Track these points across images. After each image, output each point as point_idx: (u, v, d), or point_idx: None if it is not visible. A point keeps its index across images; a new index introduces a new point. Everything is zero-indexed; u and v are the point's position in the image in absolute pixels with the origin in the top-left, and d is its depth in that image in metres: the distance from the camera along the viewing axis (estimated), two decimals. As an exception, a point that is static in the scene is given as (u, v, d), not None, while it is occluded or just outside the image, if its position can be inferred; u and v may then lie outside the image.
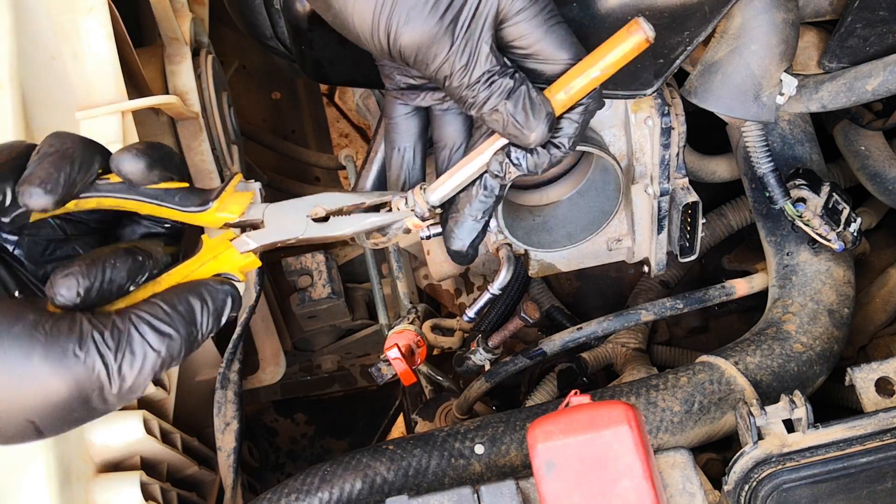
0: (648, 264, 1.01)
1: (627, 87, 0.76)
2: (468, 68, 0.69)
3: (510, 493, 0.69)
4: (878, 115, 1.08)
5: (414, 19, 0.68)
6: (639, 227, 0.96)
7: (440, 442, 0.90)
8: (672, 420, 0.92)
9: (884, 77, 0.79)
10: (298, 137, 1.78)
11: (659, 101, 0.87)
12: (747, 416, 0.75)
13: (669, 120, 0.88)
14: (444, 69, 0.69)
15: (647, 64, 0.75)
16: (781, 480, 0.72)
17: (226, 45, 1.64)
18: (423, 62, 0.69)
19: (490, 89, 0.69)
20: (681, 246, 0.98)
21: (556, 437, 0.68)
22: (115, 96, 0.96)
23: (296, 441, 1.63)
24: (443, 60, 0.69)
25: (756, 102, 0.81)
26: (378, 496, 0.86)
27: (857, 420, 0.74)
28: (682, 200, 0.94)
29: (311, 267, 1.40)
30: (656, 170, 0.91)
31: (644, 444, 0.68)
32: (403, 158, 0.81)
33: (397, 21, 0.68)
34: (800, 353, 0.99)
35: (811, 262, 1.05)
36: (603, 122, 0.89)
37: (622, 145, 0.91)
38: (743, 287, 1.09)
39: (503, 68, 0.69)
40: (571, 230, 0.95)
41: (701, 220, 0.96)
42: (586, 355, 1.19)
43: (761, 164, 0.97)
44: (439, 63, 0.69)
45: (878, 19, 0.80)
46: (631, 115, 0.88)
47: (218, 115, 1.18)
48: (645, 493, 0.66)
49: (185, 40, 1.16)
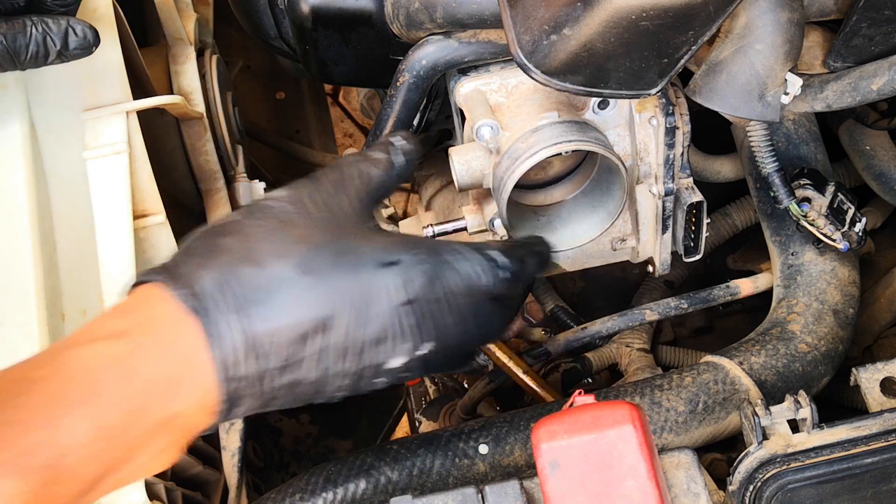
0: (653, 264, 1.01)
1: (631, 88, 0.76)
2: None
3: (514, 493, 0.68)
4: (883, 115, 1.07)
5: None
6: (643, 227, 0.96)
7: (444, 442, 0.90)
8: (676, 420, 0.92)
9: (889, 76, 0.78)
10: (303, 137, 1.78)
11: (663, 101, 0.87)
12: (752, 416, 0.75)
13: (674, 119, 0.87)
14: None
15: (651, 64, 0.75)
16: (786, 481, 0.72)
17: (230, 45, 1.64)
18: None
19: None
20: (685, 246, 0.98)
21: (560, 437, 0.68)
22: (120, 97, 0.96)
23: (300, 441, 1.63)
24: None
25: (761, 102, 0.81)
26: (382, 496, 0.86)
27: (862, 420, 0.74)
28: (686, 200, 0.93)
29: (316, 267, 1.40)
30: (661, 170, 0.91)
31: (648, 444, 0.68)
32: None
33: None
34: (805, 354, 0.98)
35: (816, 262, 1.05)
36: (607, 121, 0.89)
37: (626, 145, 0.91)
38: (748, 287, 1.09)
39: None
40: (576, 230, 0.95)
41: (706, 220, 0.95)
42: (590, 355, 1.19)
43: (766, 163, 0.97)
44: None
45: (883, 19, 0.80)
46: (635, 114, 0.88)
47: (223, 115, 1.18)
48: (649, 493, 0.66)
49: (190, 41, 1.17)
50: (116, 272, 0.93)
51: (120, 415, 0.59)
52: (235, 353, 0.62)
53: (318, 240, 0.66)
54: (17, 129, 0.88)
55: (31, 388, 0.57)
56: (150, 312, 0.62)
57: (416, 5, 0.87)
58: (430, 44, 0.88)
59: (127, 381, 0.59)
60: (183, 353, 0.61)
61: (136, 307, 0.63)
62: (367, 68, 1.00)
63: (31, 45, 0.77)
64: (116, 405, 0.59)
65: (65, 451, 0.56)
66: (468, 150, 0.86)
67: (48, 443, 0.56)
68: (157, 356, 0.61)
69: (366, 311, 0.66)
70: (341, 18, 0.94)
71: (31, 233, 0.86)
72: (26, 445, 0.55)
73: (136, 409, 0.59)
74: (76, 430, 0.57)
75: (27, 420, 0.56)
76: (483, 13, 0.85)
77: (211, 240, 0.67)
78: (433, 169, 1.24)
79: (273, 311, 0.63)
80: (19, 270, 0.85)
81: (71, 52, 0.80)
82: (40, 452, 0.55)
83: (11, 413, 0.56)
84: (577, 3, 0.76)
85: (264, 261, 0.65)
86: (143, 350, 0.61)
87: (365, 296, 0.66)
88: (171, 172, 1.13)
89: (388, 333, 0.67)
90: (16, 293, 0.84)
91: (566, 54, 0.75)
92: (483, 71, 0.90)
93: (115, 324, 0.62)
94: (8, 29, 0.76)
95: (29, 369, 0.59)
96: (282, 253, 0.65)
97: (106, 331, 0.61)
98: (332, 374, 0.66)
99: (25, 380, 0.58)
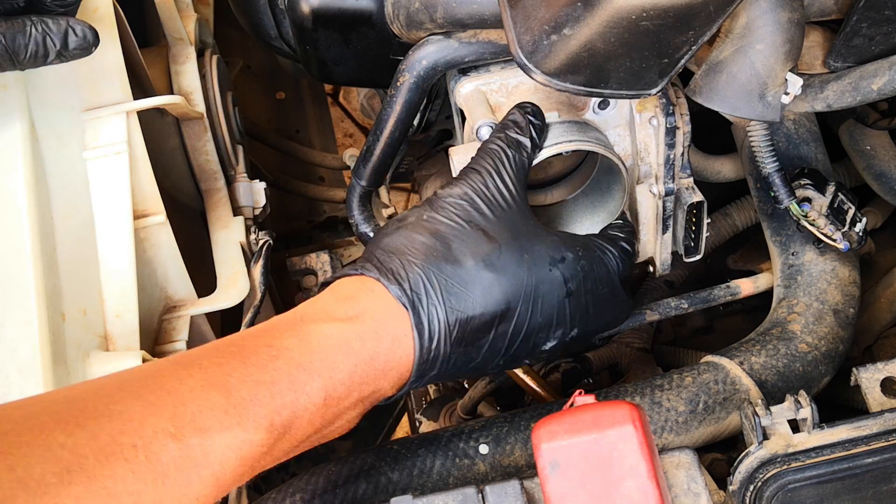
0: (653, 264, 1.01)
1: (632, 87, 0.76)
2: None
3: (515, 493, 0.68)
4: (883, 115, 1.07)
5: None
6: (643, 227, 0.96)
7: (444, 442, 0.90)
8: (677, 420, 0.92)
9: (889, 76, 0.78)
10: (303, 137, 1.78)
11: (664, 101, 0.87)
12: (752, 416, 0.75)
13: (674, 119, 0.88)
14: None
15: (651, 64, 0.75)
16: (787, 481, 0.72)
17: (230, 45, 1.64)
18: None
19: None
20: (686, 246, 0.98)
21: (560, 437, 0.68)
22: (121, 97, 0.96)
23: (300, 441, 1.63)
24: None
25: (761, 102, 0.81)
26: (383, 496, 0.86)
27: (863, 420, 0.74)
28: (687, 200, 0.94)
29: (316, 267, 1.40)
30: (661, 170, 0.91)
31: (649, 444, 0.68)
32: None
33: None
34: (805, 353, 0.98)
35: (816, 262, 1.05)
36: (608, 121, 0.89)
37: (627, 145, 0.91)
38: (748, 287, 1.09)
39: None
40: (577, 230, 0.95)
41: (706, 220, 0.96)
42: (591, 355, 1.19)
43: (766, 163, 0.97)
44: None
45: (883, 18, 0.80)
46: (636, 114, 0.88)
47: (223, 116, 1.18)
48: (649, 494, 0.66)
49: (190, 41, 1.17)
50: (116, 272, 0.94)
51: (343, 387, 0.70)
52: (434, 339, 0.74)
53: (501, 238, 0.78)
54: (17, 129, 0.88)
55: (281, 355, 0.68)
56: (371, 303, 0.74)
57: (417, 5, 0.87)
58: (430, 44, 0.88)
59: (352, 359, 0.71)
60: (394, 339, 0.73)
61: (359, 296, 0.75)
62: (368, 68, 1.00)
63: (30, 45, 0.78)
64: (343, 379, 0.70)
65: (301, 412, 0.67)
66: (469, 150, 0.86)
67: (292, 405, 0.67)
68: (375, 341, 0.72)
69: (537, 302, 0.78)
70: (342, 18, 0.94)
71: (31, 233, 0.86)
72: (276, 405, 0.66)
73: (355, 384, 0.71)
74: (312, 396, 0.68)
75: (278, 382, 0.66)
76: (483, 13, 0.85)
77: (408, 235, 0.78)
78: (433, 168, 1.24)
79: (468, 303, 0.75)
80: (19, 270, 0.85)
81: (70, 53, 0.81)
82: (285, 412, 0.66)
83: (266, 375, 0.66)
84: (578, 3, 0.76)
85: (460, 259, 0.76)
86: (365, 335, 0.72)
87: (538, 289, 0.78)
88: (171, 172, 1.13)
89: (552, 322, 0.79)
90: (16, 293, 0.84)
91: (566, 54, 0.75)
92: (483, 71, 0.90)
93: (345, 308, 0.74)
94: (7, 28, 0.76)
95: (277, 336, 0.70)
96: (473, 252, 0.77)
97: (339, 314, 0.73)
98: (499, 355, 0.78)
99: (276, 346, 0.68)
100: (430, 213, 0.79)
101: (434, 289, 0.75)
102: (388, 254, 0.77)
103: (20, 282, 0.84)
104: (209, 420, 0.62)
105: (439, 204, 0.80)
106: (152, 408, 0.61)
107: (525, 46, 0.77)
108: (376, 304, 0.74)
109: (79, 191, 0.94)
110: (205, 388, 0.63)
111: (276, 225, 1.63)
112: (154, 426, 0.60)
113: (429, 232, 0.78)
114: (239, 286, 1.06)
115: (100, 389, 0.62)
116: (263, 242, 1.12)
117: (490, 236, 0.78)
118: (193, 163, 1.15)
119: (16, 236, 0.86)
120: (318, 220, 1.70)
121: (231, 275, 1.08)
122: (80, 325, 0.89)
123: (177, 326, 1.01)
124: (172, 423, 0.60)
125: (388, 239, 0.79)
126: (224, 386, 0.64)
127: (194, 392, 0.63)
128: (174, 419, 0.61)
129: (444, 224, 0.78)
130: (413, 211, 0.81)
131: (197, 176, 1.16)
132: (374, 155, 0.98)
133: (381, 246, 0.79)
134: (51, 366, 0.83)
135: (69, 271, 0.90)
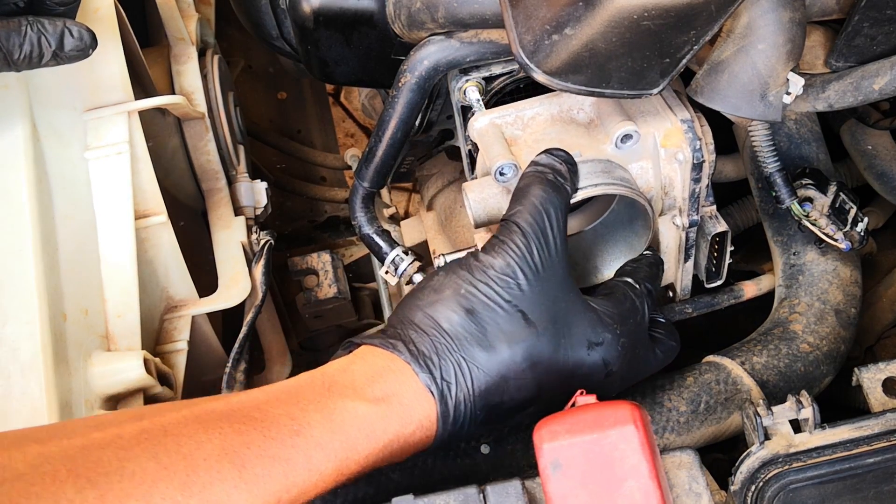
0: (674, 290, 1.00)
1: (633, 87, 0.76)
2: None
3: (516, 493, 0.68)
4: (885, 115, 1.07)
5: None
6: (665, 256, 0.94)
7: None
8: (678, 420, 0.92)
9: (891, 76, 0.78)
10: (304, 137, 1.78)
11: (690, 136, 0.84)
12: (754, 416, 0.75)
13: (701, 155, 0.84)
14: None
15: (653, 63, 0.75)
16: (788, 481, 0.72)
17: (232, 45, 1.64)
18: None
19: None
20: (707, 270, 0.97)
21: (561, 437, 0.67)
22: (122, 97, 0.96)
23: (302, 441, 1.63)
24: None
25: (763, 102, 0.81)
26: (384, 496, 0.86)
27: (864, 420, 0.74)
28: (710, 231, 0.92)
29: (317, 267, 1.40)
30: (686, 203, 0.89)
31: (650, 444, 0.68)
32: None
33: None
34: (806, 353, 0.98)
35: (818, 262, 1.05)
36: (630, 155, 0.85)
37: (650, 178, 0.87)
38: (751, 289, 1.09)
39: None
40: (597, 264, 0.94)
41: (729, 248, 0.94)
42: (592, 355, 1.18)
43: (768, 163, 0.97)
44: None
45: (885, 18, 0.80)
46: (661, 149, 0.85)
47: (224, 116, 1.18)
48: (651, 494, 0.66)
49: (192, 41, 1.17)
50: (118, 272, 0.94)
51: (357, 466, 0.70)
52: (458, 423, 0.74)
53: (539, 323, 0.75)
54: (18, 130, 0.88)
55: (302, 431, 0.67)
56: (399, 387, 0.73)
57: (418, 5, 0.87)
58: (431, 44, 0.88)
59: (373, 443, 0.71)
60: (418, 426, 0.73)
61: (387, 376, 0.73)
62: (369, 68, 1.00)
63: (24, 45, 0.77)
64: (359, 460, 0.70)
65: (311, 489, 0.67)
66: (484, 186, 0.84)
67: (303, 484, 0.66)
68: (399, 426, 0.72)
69: (572, 386, 0.76)
70: (343, 18, 0.94)
71: (32, 233, 0.86)
72: (288, 483, 0.65)
73: (370, 463, 0.71)
74: (326, 476, 0.68)
75: (294, 460, 0.66)
76: (485, 13, 0.84)
77: (443, 313, 0.75)
78: (434, 169, 1.24)
79: (498, 393, 0.74)
80: (21, 270, 0.85)
81: (66, 54, 0.80)
82: (295, 490, 0.66)
83: (284, 452, 0.66)
84: (579, 3, 0.76)
85: (496, 346, 0.74)
86: (390, 419, 0.72)
87: (574, 375, 0.77)
88: (172, 172, 1.13)
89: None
90: (18, 293, 0.84)
91: (568, 54, 0.75)
92: (498, 109, 0.87)
93: (373, 389, 0.72)
94: (2, 27, 0.76)
95: (302, 407, 0.69)
96: (510, 339, 0.74)
97: (367, 393, 0.72)
98: (520, 426, 0.80)
99: (299, 420, 0.68)
100: (468, 288, 0.75)
101: (465, 378, 0.74)
102: (421, 333, 0.75)
103: (22, 281, 0.84)
104: (219, 493, 0.62)
105: (479, 277, 0.76)
106: (164, 472, 0.61)
107: (526, 46, 0.77)
108: (404, 388, 0.73)
109: (80, 191, 0.94)
110: (220, 458, 0.63)
111: (277, 225, 1.63)
112: (163, 493, 0.60)
113: (465, 311, 0.75)
114: (240, 286, 1.06)
115: (119, 438, 0.62)
116: (265, 242, 1.12)
117: (528, 319, 0.75)
118: (195, 163, 1.15)
119: (17, 236, 0.86)
120: (319, 220, 1.70)
121: (232, 275, 1.08)
122: (81, 324, 0.89)
123: (178, 326, 1.02)
124: (181, 491, 0.60)
125: (421, 314, 0.76)
126: (239, 458, 0.64)
127: (209, 461, 0.62)
128: (184, 488, 0.61)
129: (481, 304, 0.75)
130: (450, 277, 0.77)
131: (198, 176, 1.16)
132: (376, 156, 0.98)
133: (414, 320, 0.76)
134: (52, 365, 0.83)
135: (71, 271, 0.90)
